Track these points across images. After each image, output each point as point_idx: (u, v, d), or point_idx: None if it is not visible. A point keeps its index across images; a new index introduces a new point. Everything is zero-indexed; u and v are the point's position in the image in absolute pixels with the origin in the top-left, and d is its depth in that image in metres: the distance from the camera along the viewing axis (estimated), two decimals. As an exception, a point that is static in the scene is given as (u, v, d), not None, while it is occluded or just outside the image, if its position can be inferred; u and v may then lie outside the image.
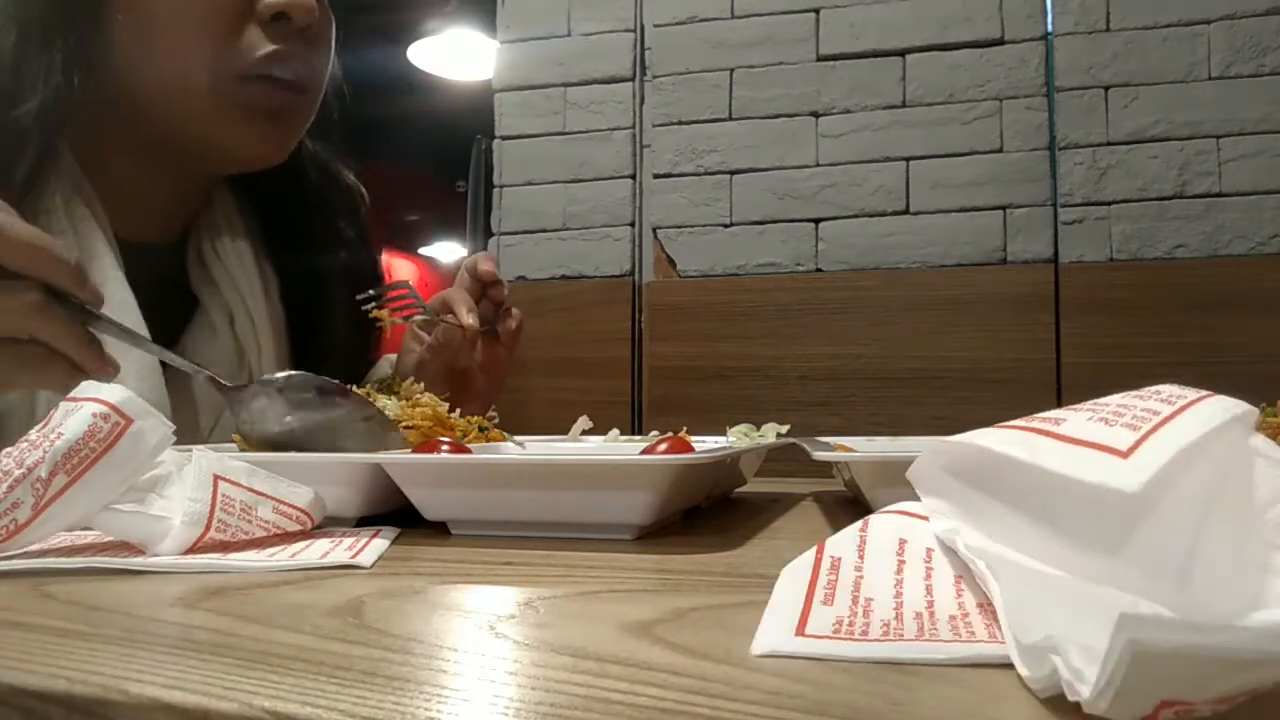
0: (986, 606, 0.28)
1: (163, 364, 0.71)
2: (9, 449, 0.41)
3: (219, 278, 0.82)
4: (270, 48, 0.72)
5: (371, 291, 0.79)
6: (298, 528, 0.47)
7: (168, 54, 0.72)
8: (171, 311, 0.80)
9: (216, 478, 0.43)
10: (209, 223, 0.84)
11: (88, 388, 0.43)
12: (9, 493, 0.39)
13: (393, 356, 0.97)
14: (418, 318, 0.82)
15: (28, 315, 0.52)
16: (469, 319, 0.80)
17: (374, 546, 0.43)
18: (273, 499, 0.45)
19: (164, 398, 0.72)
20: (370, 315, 0.79)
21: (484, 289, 0.86)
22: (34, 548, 0.42)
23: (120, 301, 0.70)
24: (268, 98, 0.74)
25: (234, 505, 0.43)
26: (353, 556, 0.41)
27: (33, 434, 0.42)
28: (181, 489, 0.43)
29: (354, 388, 0.62)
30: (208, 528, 0.42)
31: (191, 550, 0.42)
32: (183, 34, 0.71)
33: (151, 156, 0.78)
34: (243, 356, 0.81)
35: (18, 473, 0.40)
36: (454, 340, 0.81)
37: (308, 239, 0.89)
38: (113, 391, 0.43)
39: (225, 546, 0.43)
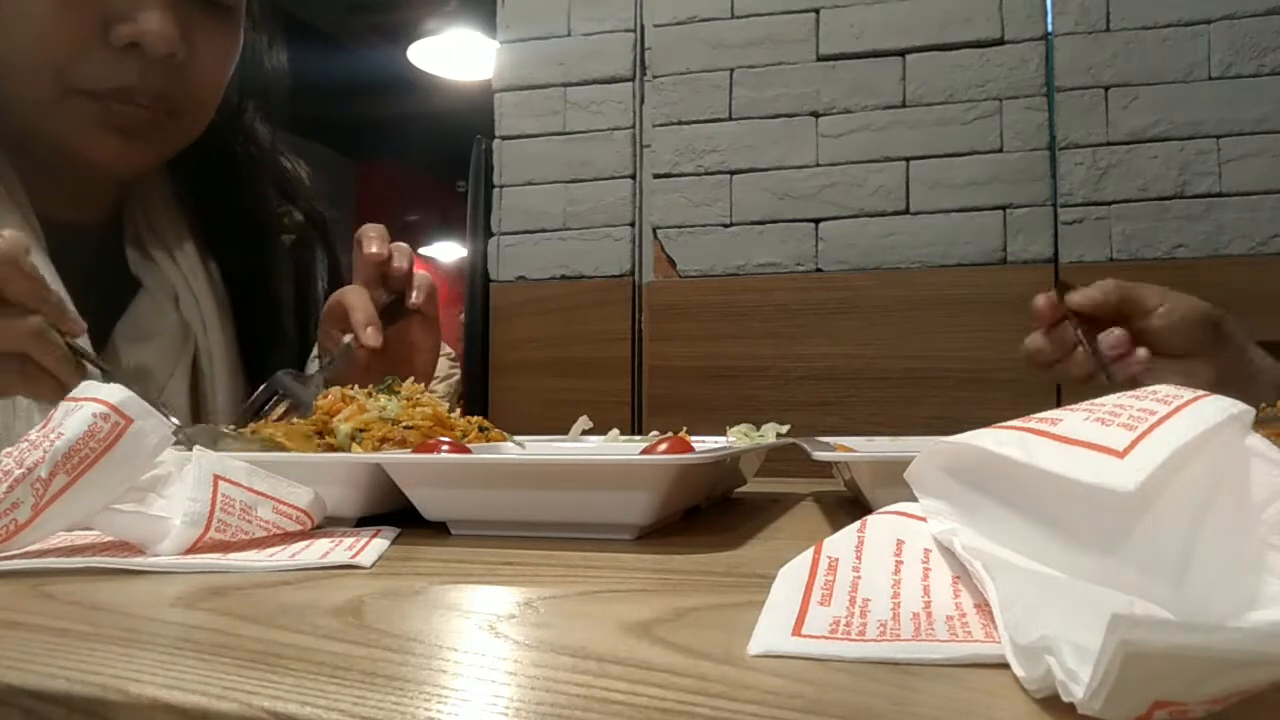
0: (984, 607, 0.28)
1: (91, 332, 0.72)
2: (9, 449, 0.41)
3: (159, 258, 0.82)
4: (117, 80, 0.72)
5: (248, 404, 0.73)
6: (298, 528, 0.47)
7: (12, 59, 0.72)
8: (112, 290, 0.80)
9: (216, 478, 0.43)
10: (142, 204, 0.84)
11: (88, 388, 0.43)
12: (9, 493, 0.39)
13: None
14: (293, 419, 0.68)
15: (30, 338, 0.59)
16: (367, 335, 0.74)
17: (374, 546, 0.43)
18: (273, 499, 0.45)
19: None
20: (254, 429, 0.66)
21: (380, 268, 0.80)
22: (34, 548, 0.42)
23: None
24: (119, 116, 0.74)
25: (234, 505, 0.43)
26: (353, 556, 0.41)
27: (33, 434, 0.42)
28: (181, 489, 0.43)
29: (353, 388, 0.62)
30: (208, 528, 0.42)
31: (191, 550, 0.42)
32: (25, 43, 0.71)
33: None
34: (188, 332, 0.82)
35: (18, 473, 0.40)
36: (362, 359, 0.75)
37: (245, 222, 0.89)
38: (113, 392, 0.43)
39: (225, 546, 0.43)
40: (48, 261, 0.72)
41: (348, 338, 0.74)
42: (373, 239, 0.78)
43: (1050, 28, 1.67)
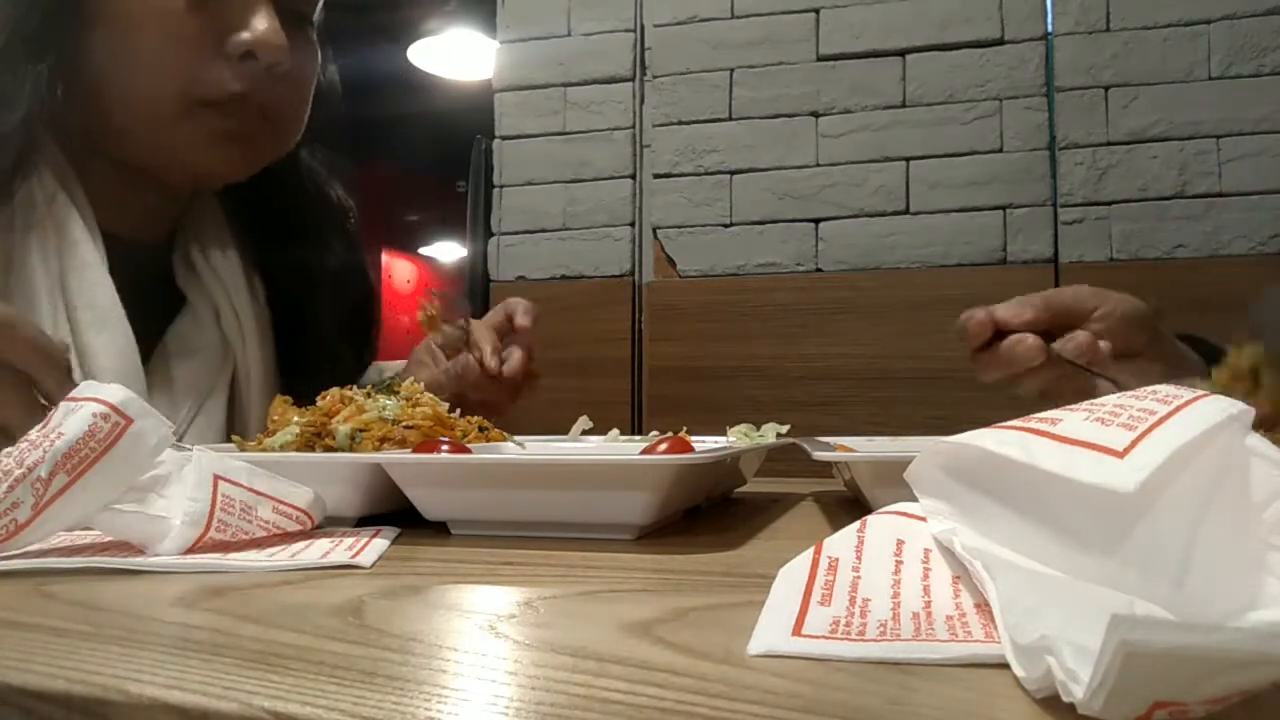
0: (984, 607, 0.28)
1: (140, 344, 0.74)
2: (9, 449, 0.41)
3: (205, 276, 0.84)
4: (236, 87, 0.74)
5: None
6: (298, 528, 0.47)
7: (137, 77, 0.73)
8: (159, 305, 0.81)
9: (216, 478, 0.43)
10: (195, 227, 0.86)
11: (87, 388, 0.43)
12: (9, 493, 0.39)
13: (389, 364, 0.97)
14: (447, 331, 0.83)
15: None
16: (491, 360, 0.81)
17: (374, 546, 0.43)
18: (273, 499, 0.45)
19: (141, 381, 0.73)
20: (421, 311, 0.81)
21: (510, 332, 0.87)
22: (34, 548, 0.42)
23: (93, 283, 0.72)
24: (230, 120, 0.76)
25: (234, 505, 0.43)
26: (353, 556, 0.41)
27: (33, 434, 0.42)
28: (181, 489, 0.43)
29: (352, 388, 0.62)
30: (208, 528, 0.42)
31: (191, 550, 0.42)
32: (152, 60, 0.73)
33: (126, 165, 0.79)
34: (228, 349, 0.83)
35: (18, 472, 0.40)
36: (471, 374, 0.82)
37: (294, 247, 0.90)
38: (113, 392, 0.43)
39: (225, 546, 0.43)
40: (104, 271, 0.73)
41: (474, 352, 0.81)
42: (527, 313, 0.87)
43: (1050, 28, 1.67)
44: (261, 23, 0.72)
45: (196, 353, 0.81)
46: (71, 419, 0.41)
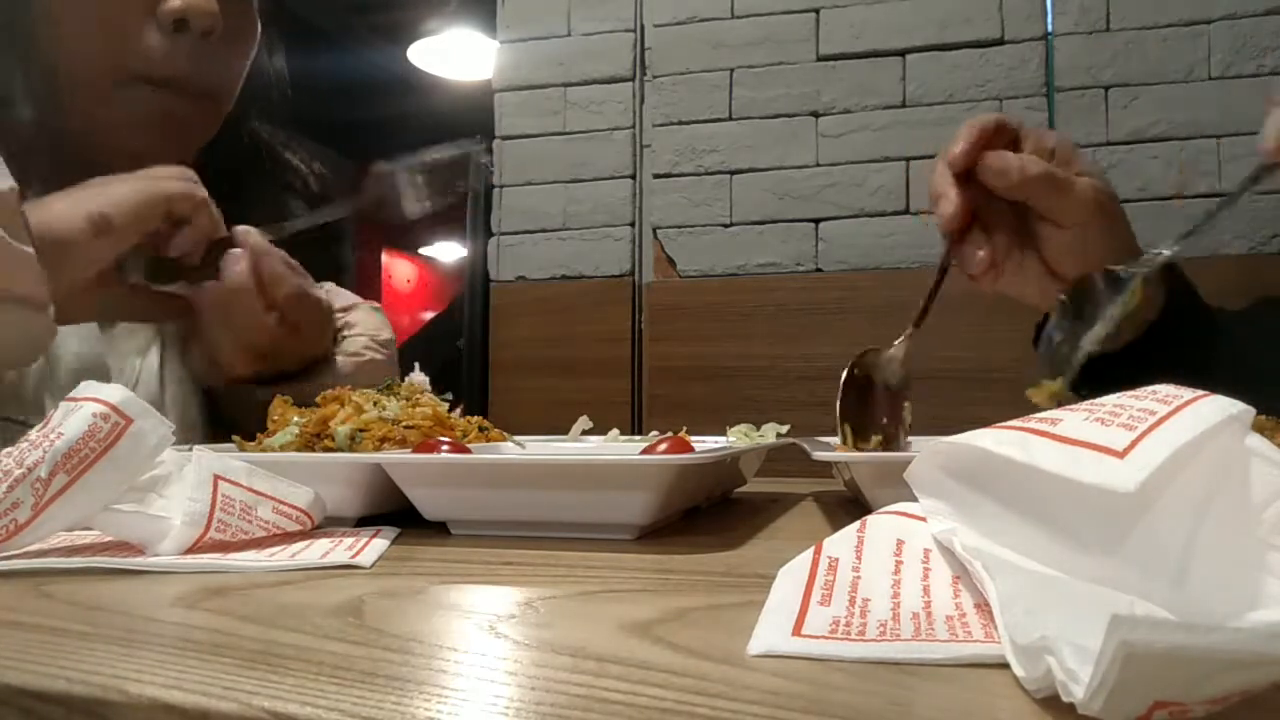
0: (983, 607, 0.28)
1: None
2: (9, 449, 0.41)
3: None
4: (172, 69, 0.74)
5: None
6: (298, 528, 0.47)
7: (72, 43, 0.74)
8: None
9: (216, 478, 0.43)
10: None
11: (86, 388, 0.43)
12: (9, 493, 0.39)
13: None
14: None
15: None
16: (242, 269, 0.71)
17: (374, 546, 0.43)
18: (273, 499, 0.45)
19: (103, 358, 0.75)
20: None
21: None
22: (34, 548, 0.42)
23: None
24: (163, 98, 0.76)
25: (234, 505, 0.43)
26: (353, 556, 0.41)
27: (33, 434, 0.42)
28: (181, 489, 0.43)
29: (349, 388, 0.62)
30: (207, 528, 0.42)
31: (191, 550, 0.42)
32: (86, 27, 0.73)
33: (73, 157, 0.79)
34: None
35: (18, 472, 0.40)
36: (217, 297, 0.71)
37: (252, 213, 0.90)
38: (113, 391, 0.43)
39: (225, 546, 0.43)
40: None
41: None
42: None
43: (1050, 28, 1.67)
44: None
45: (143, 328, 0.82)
46: (71, 419, 0.41)
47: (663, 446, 0.57)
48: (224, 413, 0.82)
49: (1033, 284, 0.65)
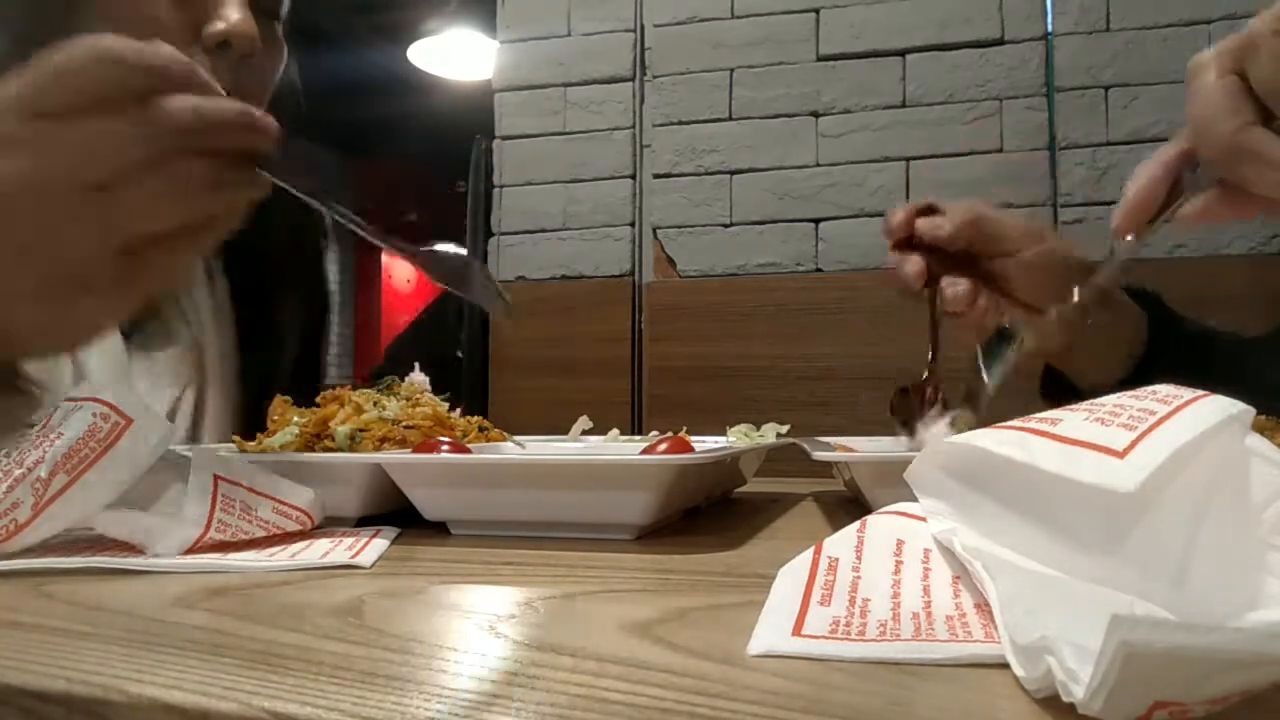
0: (983, 607, 0.28)
1: (124, 334, 0.73)
2: (8, 449, 0.41)
3: None
4: (209, 69, 0.74)
5: None
6: (298, 528, 0.47)
7: None
8: None
9: (217, 478, 0.43)
10: None
11: (86, 388, 0.44)
12: (9, 493, 0.39)
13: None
14: None
15: (205, 197, 0.46)
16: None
17: (374, 546, 0.43)
18: (273, 499, 0.45)
19: (125, 368, 0.73)
20: None
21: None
22: (34, 547, 0.42)
23: None
24: None
25: (234, 505, 0.43)
26: (353, 556, 0.41)
27: (32, 433, 0.42)
28: (181, 488, 0.43)
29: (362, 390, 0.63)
30: (208, 527, 0.42)
31: (192, 550, 0.42)
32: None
33: None
34: (200, 352, 0.83)
35: (18, 472, 0.40)
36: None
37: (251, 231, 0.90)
38: (112, 392, 0.43)
39: (225, 546, 0.43)
40: None
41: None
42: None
43: (1050, 28, 1.67)
44: (234, 13, 0.74)
45: (169, 348, 0.81)
46: (71, 419, 0.41)
47: (663, 446, 0.57)
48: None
49: (1012, 316, 0.67)
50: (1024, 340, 0.57)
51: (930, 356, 0.65)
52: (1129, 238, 0.51)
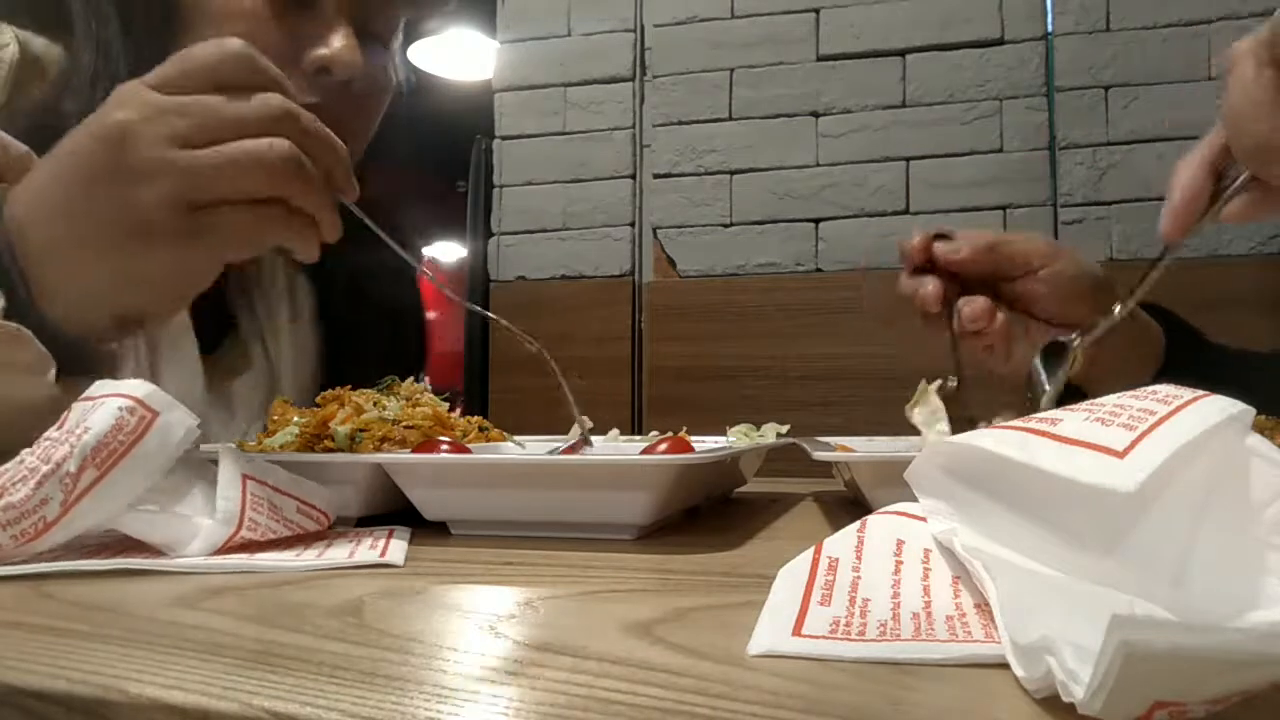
0: (984, 607, 0.28)
1: (205, 370, 0.74)
2: (29, 449, 0.41)
3: (255, 299, 0.84)
4: (309, 97, 0.71)
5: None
6: (317, 527, 0.47)
7: None
8: (209, 326, 0.80)
9: (245, 476, 0.43)
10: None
11: (105, 384, 0.43)
12: (37, 489, 0.38)
13: None
14: None
15: (278, 172, 0.48)
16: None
17: (396, 545, 0.43)
18: (296, 498, 0.45)
19: (204, 401, 0.73)
20: None
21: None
22: (57, 547, 0.41)
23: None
24: None
25: (263, 504, 0.43)
26: (380, 556, 0.41)
27: (53, 432, 0.41)
28: (205, 488, 0.43)
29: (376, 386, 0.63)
30: (239, 526, 0.41)
31: (221, 550, 0.41)
32: None
33: None
34: (275, 381, 0.83)
35: (45, 469, 0.38)
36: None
37: (347, 267, 0.89)
38: (136, 386, 0.42)
39: (251, 547, 0.43)
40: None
41: None
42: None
43: (1050, 28, 1.67)
44: (339, 40, 0.72)
45: (245, 371, 0.81)
46: (96, 414, 0.40)
47: (663, 446, 0.57)
48: None
49: (1037, 334, 0.66)
50: (1078, 356, 0.57)
51: (956, 381, 0.65)
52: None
